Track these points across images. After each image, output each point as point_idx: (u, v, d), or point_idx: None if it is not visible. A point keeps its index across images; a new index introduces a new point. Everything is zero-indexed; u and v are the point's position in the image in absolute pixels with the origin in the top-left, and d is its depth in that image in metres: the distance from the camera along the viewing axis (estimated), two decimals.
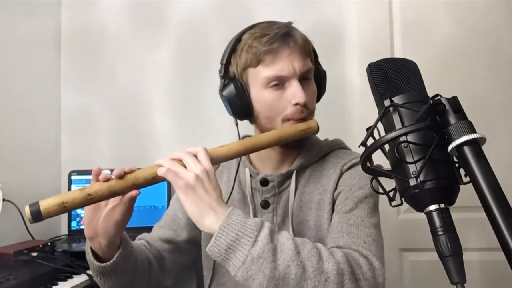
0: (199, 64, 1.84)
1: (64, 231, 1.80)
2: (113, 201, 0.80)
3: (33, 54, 1.77)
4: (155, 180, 0.78)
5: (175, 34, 1.87)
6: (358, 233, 0.83)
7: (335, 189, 0.92)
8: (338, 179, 0.93)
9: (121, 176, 0.76)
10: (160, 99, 1.87)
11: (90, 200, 0.74)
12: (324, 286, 0.70)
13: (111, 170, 0.81)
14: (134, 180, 0.77)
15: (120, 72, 1.90)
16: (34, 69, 1.77)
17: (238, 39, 0.93)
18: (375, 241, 0.83)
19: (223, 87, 0.93)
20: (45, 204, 0.72)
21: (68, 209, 0.73)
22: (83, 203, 0.74)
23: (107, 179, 0.76)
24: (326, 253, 0.74)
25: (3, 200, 1.36)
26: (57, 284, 1.21)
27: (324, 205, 0.91)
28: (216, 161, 0.80)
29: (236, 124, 0.97)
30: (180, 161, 0.77)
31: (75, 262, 1.34)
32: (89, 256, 0.85)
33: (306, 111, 0.91)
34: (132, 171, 0.77)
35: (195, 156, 0.78)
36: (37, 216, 0.71)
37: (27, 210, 0.71)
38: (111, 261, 0.83)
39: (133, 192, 0.78)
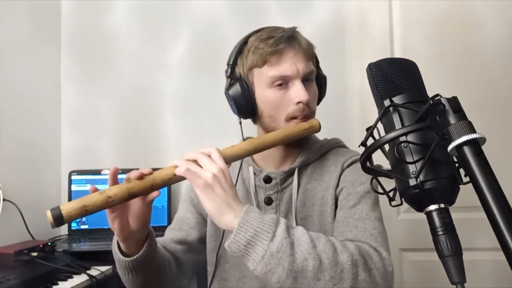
0: (207, 64, 1.83)
1: (64, 231, 1.80)
2: (135, 206, 0.82)
3: (34, 53, 1.77)
4: (171, 180, 0.79)
5: (183, 34, 1.87)
6: (364, 227, 0.86)
7: (337, 185, 0.95)
8: (340, 176, 0.96)
9: (139, 178, 0.77)
10: (165, 99, 1.88)
11: (110, 202, 0.75)
12: (340, 276, 0.73)
13: None
14: (152, 181, 0.78)
15: (122, 71, 1.90)
16: (35, 68, 1.77)
17: (244, 42, 0.97)
18: (380, 233, 0.87)
19: (229, 86, 0.97)
20: (66, 208, 0.72)
21: (89, 212, 0.73)
22: (104, 206, 0.75)
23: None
24: (339, 246, 0.77)
25: (3, 200, 1.36)
26: (57, 284, 1.21)
27: (327, 201, 0.95)
28: (228, 160, 0.82)
29: (240, 123, 1.00)
30: (195, 161, 0.79)
31: (75, 262, 1.34)
32: (118, 256, 0.87)
33: (308, 110, 0.94)
34: (150, 173, 0.79)
35: (209, 156, 0.80)
36: (59, 220, 0.71)
37: (48, 215, 0.71)
38: (141, 251, 0.85)
39: (154, 194, 0.80)
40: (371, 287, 0.75)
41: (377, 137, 0.55)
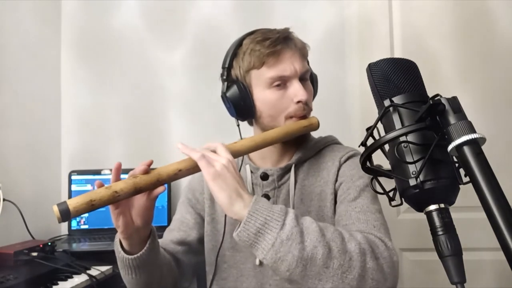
0: (212, 64, 1.82)
1: (64, 231, 1.80)
2: (139, 203, 0.83)
3: (35, 53, 1.77)
4: (177, 176, 0.80)
5: (189, 35, 1.87)
6: (366, 219, 0.88)
7: (336, 180, 0.97)
8: (338, 171, 0.98)
9: (144, 172, 0.79)
10: (168, 99, 1.87)
11: (116, 197, 0.75)
12: (349, 264, 0.74)
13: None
14: (158, 176, 0.79)
15: (124, 71, 1.90)
16: (36, 68, 1.77)
17: (239, 44, 0.98)
18: (382, 224, 0.89)
19: (227, 89, 0.98)
20: (73, 203, 0.72)
21: (95, 207, 0.73)
22: (110, 201, 0.75)
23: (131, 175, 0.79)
24: (347, 235, 0.78)
25: (3, 200, 1.36)
26: (57, 284, 1.21)
27: (326, 196, 0.96)
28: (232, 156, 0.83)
29: (238, 125, 1.02)
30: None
31: (75, 262, 1.34)
32: (121, 254, 0.87)
33: (307, 108, 0.97)
34: (151, 163, 0.80)
35: (214, 151, 0.82)
36: (66, 214, 0.71)
37: (55, 210, 0.71)
38: (145, 249, 0.86)
39: (159, 189, 0.81)
40: (379, 275, 0.76)
41: (377, 137, 0.55)
